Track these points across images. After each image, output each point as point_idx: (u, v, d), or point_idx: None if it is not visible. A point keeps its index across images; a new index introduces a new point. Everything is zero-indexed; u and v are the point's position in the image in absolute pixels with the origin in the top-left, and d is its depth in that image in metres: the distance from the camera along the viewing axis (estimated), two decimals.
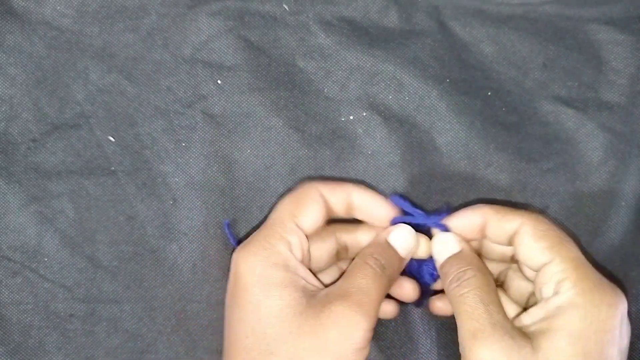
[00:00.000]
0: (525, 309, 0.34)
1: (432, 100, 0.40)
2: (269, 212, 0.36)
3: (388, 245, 0.35)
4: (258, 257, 0.33)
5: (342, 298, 0.31)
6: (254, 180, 0.39)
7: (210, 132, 0.39)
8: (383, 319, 0.38)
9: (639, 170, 0.39)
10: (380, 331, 0.38)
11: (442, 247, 0.35)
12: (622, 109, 0.40)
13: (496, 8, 0.42)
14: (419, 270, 0.37)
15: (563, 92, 0.41)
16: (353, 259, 0.35)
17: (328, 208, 0.35)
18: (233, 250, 0.34)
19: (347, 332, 0.30)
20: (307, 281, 0.33)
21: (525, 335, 0.31)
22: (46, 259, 0.37)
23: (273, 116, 0.39)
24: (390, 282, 0.34)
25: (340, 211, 0.36)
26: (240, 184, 0.39)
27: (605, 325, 0.30)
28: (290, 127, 0.39)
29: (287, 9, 0.41)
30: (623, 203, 0.39)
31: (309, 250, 0.35)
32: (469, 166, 0.39)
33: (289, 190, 0.38)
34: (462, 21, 0.42)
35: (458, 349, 0.37)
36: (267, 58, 0.40)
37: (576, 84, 0.41)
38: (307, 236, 0.34)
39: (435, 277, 0.37)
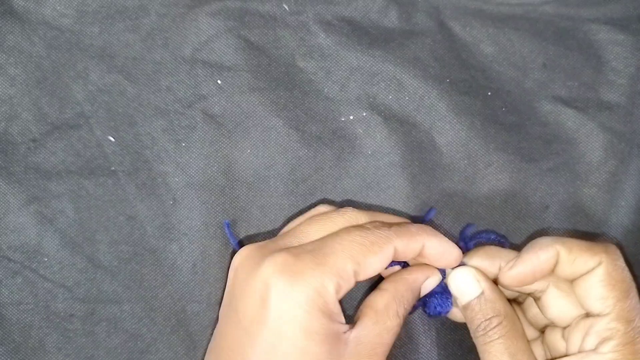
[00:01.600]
0: (542, 331, 0.33)
1: (432, 100, 0.40)
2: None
3: (418, 290, 0.33)
4: (302, 294, 0.28)
5: (369, 355, 0.30)
6: (254, 180, 0.39)
7: (210, 132, 0.39)
8: None
9: (639, 170, 0.39)
10: None
11: (463, 286, 0.32)
12: (622, 109, 0.40)
13: (496, 8, 0.42)
14: (425, 301, 0.35)
15: (563, 92, 0.41)
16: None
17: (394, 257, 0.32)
18: (233, 252, 0.33)
19: None
20: (342, 326, 0.30)
21: None
22: (46, 259, 0.37)
23: (273, 116, 0.39)
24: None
25: (405, 259, 0.33)
26: (240, 184, 0.39)
27: None
28: (290, 127, 0.39)
29: (287, 9, 0.41)
30: (623, 203, 0.39)
31: None
32: (469, 166, 0.39)
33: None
34: (462, 21, 0.42)
35: (458, 349, 0.37)
36: (267, 58, 0.40)
37: (576, 84, 0.41)
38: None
39: (439, 313, 0.35)
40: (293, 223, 0.34)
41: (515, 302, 0.36)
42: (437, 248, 0.32)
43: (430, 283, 0.33)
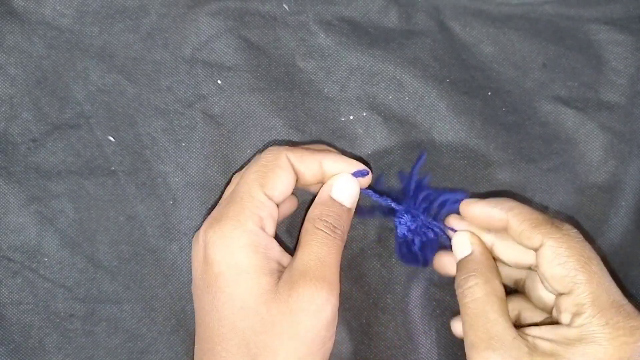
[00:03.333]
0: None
1: (432, 100, 0.40)
2: (230, 179, 0.36)
3: (333, 202, 0.34)
4: (230, 240, 0.31)
5: (304, 276, 0.31)
6: None
7: (210, 132, 0.39)
8: (383, 320, 0.38)
9: (639, 170, 0.39)
10: (380, 331, 0.38)
11: (457, 247, 0.35)
12: (622, 109, 0.40)
13: (496, 8, 0.42)
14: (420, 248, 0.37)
15: (563, 92, 0.41)
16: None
17: (297, 176, 0.34)
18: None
19: (316, 312, 0.30)
20: (275, 259, 0.32)
21: (529, 348, 0.30)
22: (46, 259, 0.37)
23: (273, 116, 0.39)
24: (344, 239, 0.34)
25: (311, 180, 0.35)
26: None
27: None
28: (290, 127, 0.39)
29: (287, 9, 0.41)
30: (623, 203, 0.39)
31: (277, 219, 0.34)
32: (469, 166, 0.39)
33: (253, 155, 0.38)
34: (462, 21, 0.42)
35: (458, 349, 0.37)
36: (267, 58, 0.40)
37: (576, 84, 0.41)
38: (277, 205, 0.33)
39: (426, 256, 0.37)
40: (247, 173, 0.34)
41: (520, 286, 0.36)
42: (335, 165, 0.34)
43: (340, 187, 0.35)
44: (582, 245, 0.31)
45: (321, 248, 0.32)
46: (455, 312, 0.38)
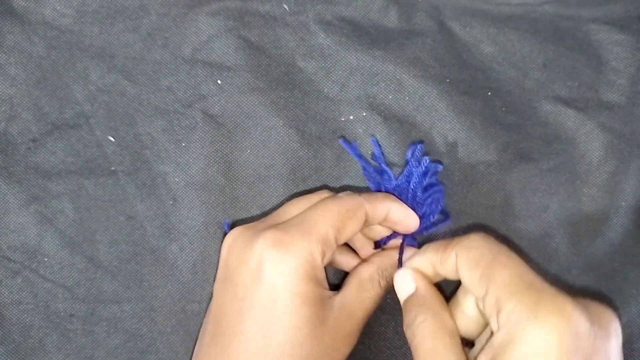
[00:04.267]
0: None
1: (432, 100, 0.40)
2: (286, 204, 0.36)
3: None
4: (292, 263, 0.31)
5: (350, 318, 0.33)
6: (254, 180, 0.39)
7: (210, 132, 0.39)
8: (383, 320, 0.38)
9: (639, 170, 0.39)
10: (380, 331, 0.38)
11: (401, 285, 0.34)
12: (622, 109, 0.40)
13: (496, 8, 0.42)
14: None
15: (563, 92, 0.41)
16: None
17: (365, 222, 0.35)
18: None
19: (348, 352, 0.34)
20: (326, 290, 0.33)
21: None
22: (46, 259, 0.38)
23: (273, 116, 0.39)
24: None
25: (374, 223, 0.36)
26: (240, 184, 0.39)
27: (563, 347, 0.26)
28: (290, 127, 0.39)
29: (287, 9, 0.41)
30: (623, 203, 0.39)
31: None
32: (469, 166, 0.39)
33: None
34: (462, 21, 0.42)
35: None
36: (267, 58, 0.40)
37: (576, 84, 0.41)
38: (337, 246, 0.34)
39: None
40: (326, 209, 0.35)
41: None
42: (400, 213, 0.36)
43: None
44: (488, 245, 0.31)
45: (374, 302, 0.35)
46: None
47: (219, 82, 0.40)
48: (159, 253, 0.38)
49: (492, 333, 0.29)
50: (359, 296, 0.34)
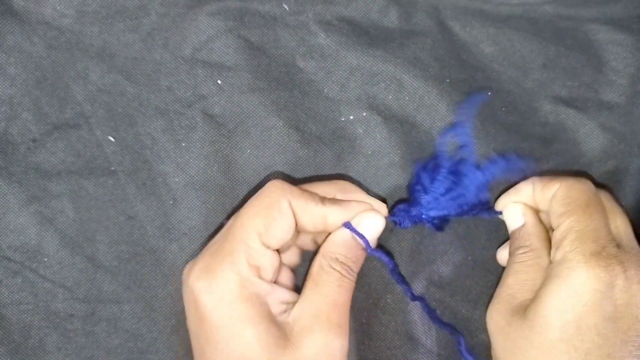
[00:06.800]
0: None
1: (432, 100, 0.40)
2: (230, 215, 0.35)
3: (354, 243, 0.34)
4: (223, 289, 0.30)
5: (318, 321, 0.30)
6: (254, 180, 0.39)
7: (210, 132, 0.39)
8: (383, 319, 0.38)
9: (639, 170, 0.39)
10: (381, 331, 0.38)
11: (511, 218, 0.36)
12: (622, 109, 0.40)
13: (496, 8, 0.42)
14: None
15: (563, 92, 0.41)
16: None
17: (297, 223, 0.33)
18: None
19: (330, 357, 0.30)
20: (276, 306, 0.31)
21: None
22: (46, 259, 0.37)
23: (273, 116, 0.39)
24: (355, 279, 0.33)
25: (311, 230, 0.34)
26: (240, 184, 0.39)
27: (582, 299, 0.30)
28: (290, 127, 0.39)
29: (287, 9, 0.41)
30: (623, 203, 0.39)
31: (279, 265, 0.33)
32: None
33: (253, 191, 0.37)
34: (462, 21, 0.42)
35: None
36: (267, 58, 0.40)
37: (576, 84, 0.41)
38: (277, 251, 0.32)
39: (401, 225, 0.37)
40: (244, 215, 0.33)
41: None
42: (341, 218, 0.34)
43: (368, 224, 0.34)
44: (589, 192, 0.33)
45: (335, 290, 0.31)
46: (456, 312, 0.38)
47: (219, 82, 0.40)
48: (159, 253, 0.38)
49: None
50: (315, 294, 0.32)
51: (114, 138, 0.39)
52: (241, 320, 0.30)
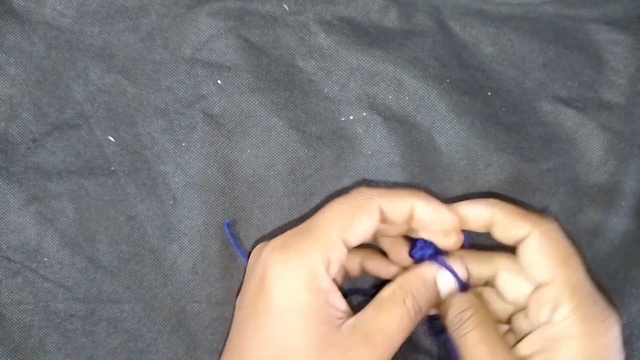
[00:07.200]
0: (508, 322, 0.35)
1: (432, 100, 0.40)
2: (313, 211, 0.35)
3: (433, 286, 0.33)
4: (293, 274, 0.30)
5: (365, 343, 0.30)
6: (254, 180, 0.39)
7: (210, 132, 0.39)
8: None
9: (639, 170, 0.39)
10: None
11: (445, 283, 0.33)
12: (622, 109, 0.40)
13: (496, 8, 0.42)
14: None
15: (563, 92, 0.41)
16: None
17: (383, 221, 0.32)
18: (233, 252, 0.34)
19: None
20: (335, 306, 0.31)
21: None
22: (46, 259, 0.38)
23: (273, 116, 0.39)
24: (418, 322, 0.32)
25: (397, 223, 0.33)
26: (240, 184, 0.39)
27: (603, 354, 0.30)
28: (290, 127, 0.39)
29: (287, 9, 0.41)
30: (623, 203, 0.39)
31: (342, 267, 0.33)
32: (469, 166, 0.39)
33: (339, 192, 0.37)
34: (462, 21, 0.42)
35: (458, 349, 0.37)
36: (267, 58, 0.40)
37: (576, 84, 0.41)
38: (348, 249, 0.32)
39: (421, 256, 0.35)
40: (331, 210, 0.33)
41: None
42: (428, 210, 0.32)
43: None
44: (564, 239, 0.32)
45: (396, 324, 0.30)
46: None
47: (219, 82, 0.40)
48: (159, 253, 0.38)
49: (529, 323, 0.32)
50: (376, 317, 0.31)
51: (114, 138, 0.39)
52: (302, 309, 0.29)
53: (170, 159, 0.39)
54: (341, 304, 0.31)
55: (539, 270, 0.31)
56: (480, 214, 0.33)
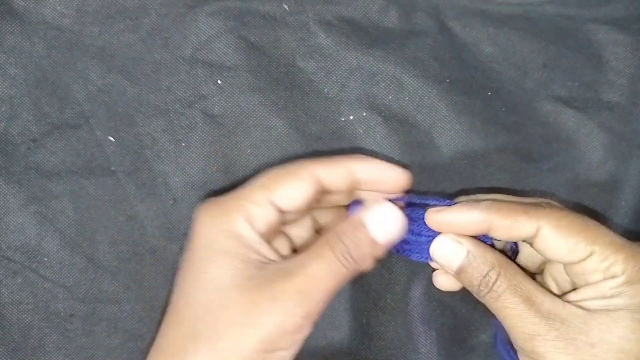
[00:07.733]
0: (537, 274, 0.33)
1: (432, 100, 0.40)
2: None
3: (364, 232, 0.31)
4: (212, 221, 0.32)
5: (285, 279, 0.29)
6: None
7: (210, 132, 0.39)
8: (383, 319, 0.38)
9: (639, 170, 0.39)
10: (380, 331, 0.38)
11: (447, 254, 0.32)
12: (622, 109, 0.40)
13: (496, 8, 0.42)
14: (402, 248, 0.34)
15: (563, 92, 0.41)
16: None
17: (323, 187, 0.32)
18: None
19: (278, 316, 0.28)
20: (262, 255, 0.31)
21: (579, 310, 0.29)
22: (46, 259, 0.37)
23: (273, 116, 0.39)
24: (356, 271, 0.31)
25: (341, 188, 0.33)
26: (240, 184, 0.39)
27: None
28: (290, 127, 0.39)
29: (287, 9, 0.41)
30: (623, 203, 0.39)
31: (278, 225, 0.32)
32: (469, 166, 0.39)
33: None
34: (462, 21, 0.42)
35: (458, 349, 0.37)
36: (267, 58, 0.40)
37: (576, 84, 0.41)
38: (282, 211, 0.32)
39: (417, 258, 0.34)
40: (260, 176, 0.35)
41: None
42: (368, 169, 0.32)
43: (376, 215, 0.32)
44: (570, 213, 0.31)
45: (320, 267, 0.30)
46: (456, 312, 0.38)
47: (219, 82, 0.40)
48: (159, 253, 0.38)
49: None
50: (301, 258, 0.30)
51: (114, 138, 0.39)
52: (214, 250, 0.31)
53: (170, 159, 0.39)
54: (269, 254, 0.31)
55: (571, 253, 0.30)
56: (475, 221, 0.31)
